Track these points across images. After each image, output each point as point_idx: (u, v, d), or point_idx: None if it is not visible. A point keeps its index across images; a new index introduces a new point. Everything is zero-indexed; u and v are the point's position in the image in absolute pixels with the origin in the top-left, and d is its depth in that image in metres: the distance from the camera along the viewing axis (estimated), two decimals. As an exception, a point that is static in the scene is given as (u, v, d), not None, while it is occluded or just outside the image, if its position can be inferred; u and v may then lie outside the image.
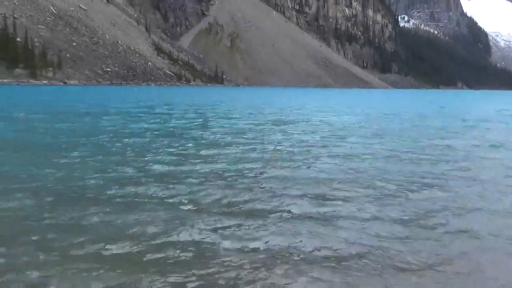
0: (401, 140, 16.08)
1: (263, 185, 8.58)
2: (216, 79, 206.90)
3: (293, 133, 18.00)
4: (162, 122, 22.60)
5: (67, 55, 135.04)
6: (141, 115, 27.13)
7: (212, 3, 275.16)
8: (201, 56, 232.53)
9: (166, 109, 33.13)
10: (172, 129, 19.38)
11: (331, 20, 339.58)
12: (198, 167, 10.12)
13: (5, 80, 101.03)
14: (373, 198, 7.85)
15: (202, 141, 14.86)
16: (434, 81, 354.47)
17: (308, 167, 10.45)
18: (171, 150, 12.84)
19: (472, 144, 15.78)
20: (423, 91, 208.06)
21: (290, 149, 13.40)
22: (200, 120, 24.50)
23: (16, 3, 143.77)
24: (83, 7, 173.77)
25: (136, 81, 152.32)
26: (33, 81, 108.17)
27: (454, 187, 8.83)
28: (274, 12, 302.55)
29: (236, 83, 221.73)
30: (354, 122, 24.99)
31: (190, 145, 13.96)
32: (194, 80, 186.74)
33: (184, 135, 16.83)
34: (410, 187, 8.61)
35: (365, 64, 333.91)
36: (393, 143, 15.21)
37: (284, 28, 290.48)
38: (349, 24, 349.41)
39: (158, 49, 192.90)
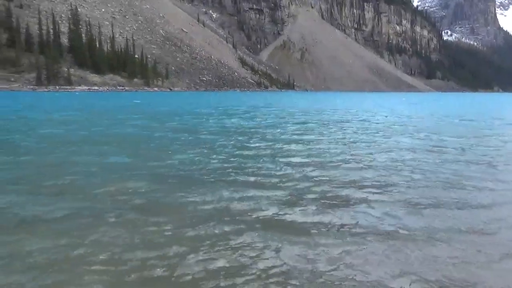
0: (445, 137, 14.46)
1: (326, 180, 7.49)
2: (288, 85, 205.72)
3: (349, 131, 16.39)
4: (251, 120, 22.11)
5: (172, 68, 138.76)
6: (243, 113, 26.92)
7: (286, 24, 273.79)
8: (277, 67, 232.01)
9: (251, 110, 32.87)
10: (258, 126, 18.01)
11: (384, 36, 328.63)
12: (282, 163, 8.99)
13: (126, 88, 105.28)
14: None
15: (281, 138, 13.63)
16: (473, 85, 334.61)
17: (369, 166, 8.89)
18: (250, 145, 11.86)
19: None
20: (464, 94, 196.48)
21: (350, 144, 12.10)
22: (282, 119, 23.38)
23: (135, 29, 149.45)
24: (185, 30, 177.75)
25: (225, 87, 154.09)
26: (147, 88, 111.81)
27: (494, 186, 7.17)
28: (337, 31, 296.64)
29: (305, 88, 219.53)
30: (403, 121, 23.04)
31: (277, 144, 12.40)
32: (271, 86, 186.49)
33: (269, 132, 15.50)
34: (461, 189, 7.00)
35: (412, 72, 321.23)
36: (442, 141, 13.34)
37: (344, 44, 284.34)
38: (399, 39, 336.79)
39: (243, 62, 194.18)
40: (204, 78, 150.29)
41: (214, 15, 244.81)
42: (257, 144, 12.22)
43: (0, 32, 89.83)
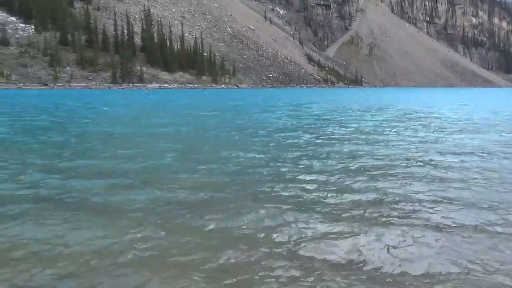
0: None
1: (384, 184, 6.50)
2: (356, 81, 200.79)
3: (417, 129, 14.70)
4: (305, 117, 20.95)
5: (239, 65, 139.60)
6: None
7: (354, 19, 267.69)
8: (344, 63, 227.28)
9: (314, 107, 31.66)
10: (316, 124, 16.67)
11: (458, 28, 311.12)
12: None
13: (195, 85, 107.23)
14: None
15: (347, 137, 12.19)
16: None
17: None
18: (312, 145, 10.79)
19: None
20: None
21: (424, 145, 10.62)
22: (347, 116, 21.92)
23: (203, 27, 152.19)
24: (252, 27, 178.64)
25: (291, 84, 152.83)
26: (214, 85, 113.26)
27: None
28: (407, 24, 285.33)
29: (373, 84, 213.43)
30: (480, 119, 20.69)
31: (342, 145, 10.95)
32: (338, 83, 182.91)
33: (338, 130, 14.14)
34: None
35: (490, 66, 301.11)
36: None
37: (415, 37, 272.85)
38: (476, 31, 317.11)
39: (309, 59, 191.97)
40: (270, 75, 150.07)
41: (281, 12, 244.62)
42: (320, 143, 11.24)
43: (80, 34, 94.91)
